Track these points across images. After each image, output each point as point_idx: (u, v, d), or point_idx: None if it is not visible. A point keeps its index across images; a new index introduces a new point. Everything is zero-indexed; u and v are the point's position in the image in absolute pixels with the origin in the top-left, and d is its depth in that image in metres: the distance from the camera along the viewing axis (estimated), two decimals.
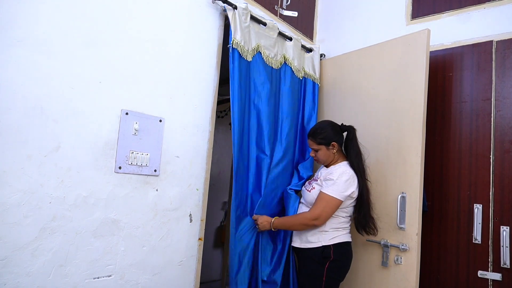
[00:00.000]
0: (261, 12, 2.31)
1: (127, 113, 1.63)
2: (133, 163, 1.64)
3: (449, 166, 2.10)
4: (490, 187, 1.95)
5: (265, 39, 2.19)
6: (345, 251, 1.90)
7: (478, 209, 1.96)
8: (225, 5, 1.97)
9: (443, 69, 2.19)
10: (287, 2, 2.51)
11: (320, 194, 1.85)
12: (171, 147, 1.80)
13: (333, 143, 1.94)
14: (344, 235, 1.90)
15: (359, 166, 1.92)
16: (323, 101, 2.55)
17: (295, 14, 2.50)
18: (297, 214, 1.97)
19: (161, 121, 1.76)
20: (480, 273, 1.91)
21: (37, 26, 1.36)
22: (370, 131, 2.17)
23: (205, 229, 2.04)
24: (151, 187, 1.72)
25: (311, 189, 1.95)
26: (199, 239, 1.93)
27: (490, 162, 1.96)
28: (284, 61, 2.32)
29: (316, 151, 1.98)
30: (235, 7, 1.99)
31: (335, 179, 1.83)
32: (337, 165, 1.95)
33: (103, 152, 1.55)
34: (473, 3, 2.13)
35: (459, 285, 1.98)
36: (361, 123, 2.18)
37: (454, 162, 2.09)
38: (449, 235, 2.05)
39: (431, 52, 2.12)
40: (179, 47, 1.84)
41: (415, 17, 2.36)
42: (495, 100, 2.00)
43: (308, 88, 2.47)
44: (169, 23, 1.80)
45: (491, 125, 1.98)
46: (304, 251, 1.92)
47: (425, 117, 1.95)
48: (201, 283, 1.99)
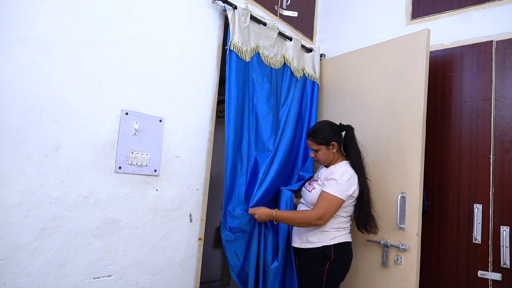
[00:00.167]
0: (261, 12, 2.31)
1: (127, 113, 1.63)
2: (133, 163, 1.64)
3: (449, 166, 2.10)
4: (490, 187, 1.95)
5: (265, 39, 2.19)
6: (346, 251, 1.90)
7: (478, 209, 1.96)
8: (225, 5, 1.97)
9: (443, 69, 2.19)
10: (287, 2, 2.51)
11: (322, 193, 1.84)
12: (171, 147, 1.80)
13: (333, 142, 1.94)
14: (344, 235, 1.90)
15: (359, 165, 1.92)
16: (323, 101, 2.55)
17: (295, 14, 2.50)
18: (301, 211, 1.97)
19: (161, 121, 1.76)
20: (480, 273, 1.91)
21: (37, 26, 1.36)
22: (370, 131, 2.17)
23: (205, 229, 2.04)
24: (151, 187, 1.72)
25: (312, 189, 1.94)
26: (199, 239, 1.93)
27: (490, 162, 1.96)
28: (284, 61, 2.32)
29: (316, 151, 1.98)
30: (235, 7, 1.99)
31: (337, 178, 1.82)
32: (337, 164, 1.95)
33: (103, 152, 1.55)
34: (473, 3, 2.13)
35: (459, 285, 1.98)
36: (361, 123, 2.18)
37: (454, 162, 2.09)
38: (449, 235, 2.05)
39: (431, 52, 2.12)
40: (179, 47, 1.84)
41: (415, 17, 2.36)
42: (495, 100, 2.00)
43: (308, 88, 2.46)
44: (169, 23, 1.80)
45: (491, 125, 1.98)
46: (304, 251, 1.92)
47: (425, 117, 1.95)
48: (201, 283, 1.99)
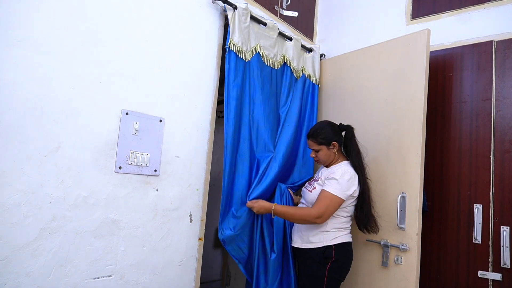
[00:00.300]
0: (261, 12, 2.31)
1: (127, 113, 1.63)
2: (133, 163, 1.64)
3: (449, 166, 2.10)
4: (490, 187, 1.95)
5: (265, 39, 2.19)
6: (347, 251, 1.90)
7: (478, 209, 1.96)
8: (225, 5, 1.97)
9: (443, 69, 2.19)
10: (287, 2, 2.51)
11: (322, 192, 1.84)
12: (171, 147, 1.80)
13: (333, 142, 1.94)
14: (345, 235, 1.90)
15: (360, 165, 1.92)
16: (323, 101, 2.55)
17: (295, 14, 2.50)
18: (301, 207, 1.96)
19: (161, 121, 1.76)
20: (480, 273, 1.91)
21: (37, 26, 1.36)
22: (370, 131, 2.17)
23: (205, 229, 2.04)
24: (151, 187, 1.72)
25: (312, 189, 1.94)
26: (199, 239, 1.93)
27: (490, 162, 1.96)
28: (284, 62, 2.32)
29: (316, 151, 1.97)
30: (235, 7, 1.98)
31: (338, 178, 1.82)
32: (337, 164, 1.95)
33: (103, 152, 1.55)
34: (473, 3, 2.13)
35: (459, 285, 1.98)
36: (361, 123, 2.18)
37: (454, 162, 2.09)
38: (449, 235, 2.05)
39: (431, 52, 2.12)
40: (179, 47, 1.84)
41: (415, 17, 2.36)
42: (495, 100, 2.00)
43: (308, 89, 2.46)
44: (169, 23, 1.80)
45: (491, 125, 1.99)
46: (305, 252, 1.92)
47: (425, 117, 1.95)
48: (201, 283, 1.99)
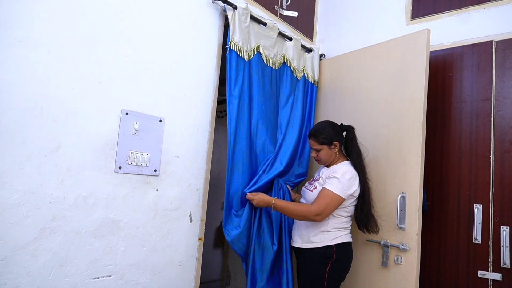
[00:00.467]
0: (261, 12, 2.31)
1: (127, 113, 1.63)
2: (133, 163, 1.64)
3: (449, 166, 2.10)
4: (490, 187, 1.95)
5: (265, 39, 2.19)
6: (347, 251, 1.90)
7: (478, 209, 1.96)
8: (225, 5, 1.97)
9: (443, 69, 2.19)
10: (287, 2, 2.51)
11: (323, 190, 1.84)
12: (171, 147, 1.80)
13: (335, 142, 1.94)
14: (345, 235, 1.90)
15: (360, 165, 1.92)
16: (322, 101, 2.55)
17: (295, 14, 2.50)
18: (301, 204, 1.96)
19: (161, 121, 1.76)
20: (480, 273, 1.91)
21: (37, 26, 1.36)
22: (370, 131, 2.17)
23: (205, 229, 2.04)
24: (151, 187, 1.72)
25: (313, 189, 1.94)
26: (199, 239, 1.93)
27: (490, 162, 1.96)
28: (283, 61, 2.32)
29: (317, 151, 1.97)
30: (235, 7, 1.99)
31: (339, 177, 1.82)
32: (338, 164, 1.94)
33: (103, 152, 1.55)
34: (473, 3, 2.13)
35: (459, 285, 1.98)
36: (361, 123, 2.18)
37: (454, 162, 2.09)
38: (449, 235, 2.05)
39: (431, 52, 2.12)
40: (179, 47, 1.84)
41: (415, 17, 2.36)
42: (495, 100, 2.00)
43: (307, 88, 2.47)
44: (169, 23, 1.80)
45: (491, 125, 1.98)
46: (305, 252, 1.91)
47: (425, 117, 1.95)
48: (201, 283, 1.99)
